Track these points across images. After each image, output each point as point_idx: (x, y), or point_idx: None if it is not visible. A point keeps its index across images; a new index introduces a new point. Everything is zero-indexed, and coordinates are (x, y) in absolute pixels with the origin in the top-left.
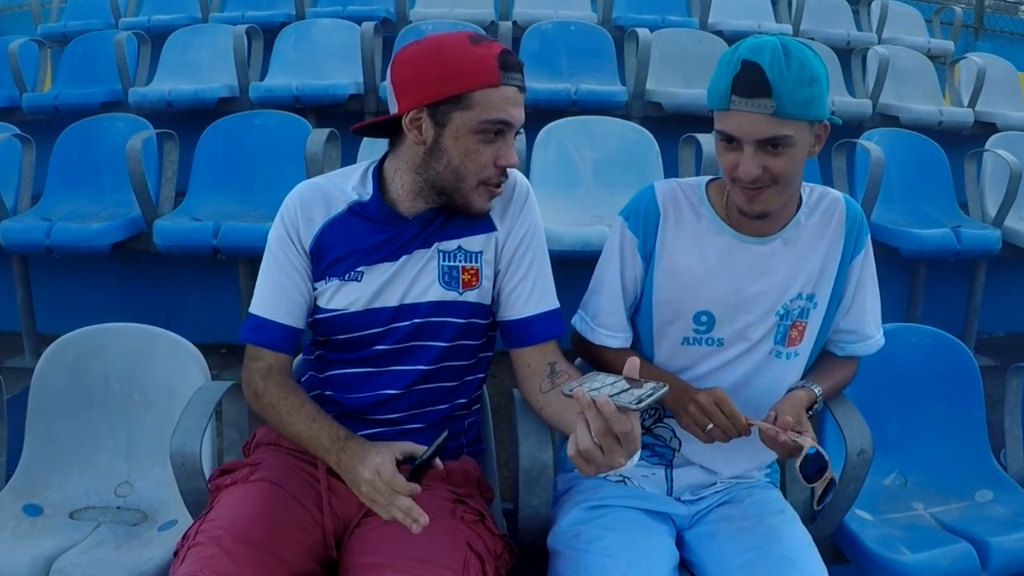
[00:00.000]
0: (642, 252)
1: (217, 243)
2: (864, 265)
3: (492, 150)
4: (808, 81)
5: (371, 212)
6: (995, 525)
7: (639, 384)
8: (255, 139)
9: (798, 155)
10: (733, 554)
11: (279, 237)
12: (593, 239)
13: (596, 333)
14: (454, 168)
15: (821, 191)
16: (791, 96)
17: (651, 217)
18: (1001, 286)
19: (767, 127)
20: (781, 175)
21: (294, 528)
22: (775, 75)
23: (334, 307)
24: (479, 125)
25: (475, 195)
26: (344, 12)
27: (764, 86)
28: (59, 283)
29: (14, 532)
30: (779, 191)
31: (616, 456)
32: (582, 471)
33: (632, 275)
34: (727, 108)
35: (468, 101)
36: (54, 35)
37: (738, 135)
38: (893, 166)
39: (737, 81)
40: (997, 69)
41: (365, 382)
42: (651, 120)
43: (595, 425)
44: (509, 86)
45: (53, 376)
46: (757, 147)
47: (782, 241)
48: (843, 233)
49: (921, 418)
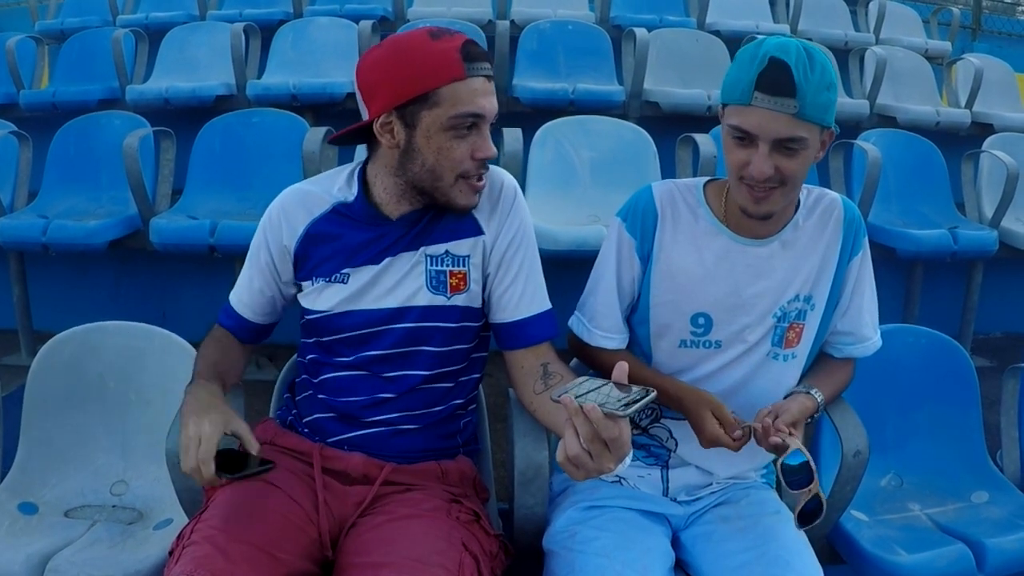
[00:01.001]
0: (640, 253)
1: (214, 241)
2: (862, 266)
3: (467, 144)
4: (827, 86)
5: (355, 213)
6: (991, 526)
7: (628, 389)
8: (252, 137)
9: (808, 158)
10: (729, 555)
11: (257, 240)
12: (590, 239)
13: (592, 334)
14: (429, 168)
15: (819, 192)
16: (813, 99)
17: (649, 218)
18: (998, 287)
19: (787, 127)
20: (791, 177)
21: (290, 527)
22: (800, 76)
23: (320, 308)
24: (449, 121)
25: (455, 191)
26: (342, 10)
27: (790, 86)
28: (55, 281)
29: (9, 530)
30: (785, 193)
31: (605, 461)
32: (572, 476)
33: (629, 276)
34: (748, 103)
35: (435, 98)
36: (51, 32)
37: (755, 132)
38: (890, 167)
39: (763, 78)
40: (994, 70)
41: (359, 385)
42: (648, 120)
43: (583, 431)
44: (475, 77)
45: (49, 374)
46: (773, 146)
47: (780, 243)
48: (841, 234)
49: (917, 419)
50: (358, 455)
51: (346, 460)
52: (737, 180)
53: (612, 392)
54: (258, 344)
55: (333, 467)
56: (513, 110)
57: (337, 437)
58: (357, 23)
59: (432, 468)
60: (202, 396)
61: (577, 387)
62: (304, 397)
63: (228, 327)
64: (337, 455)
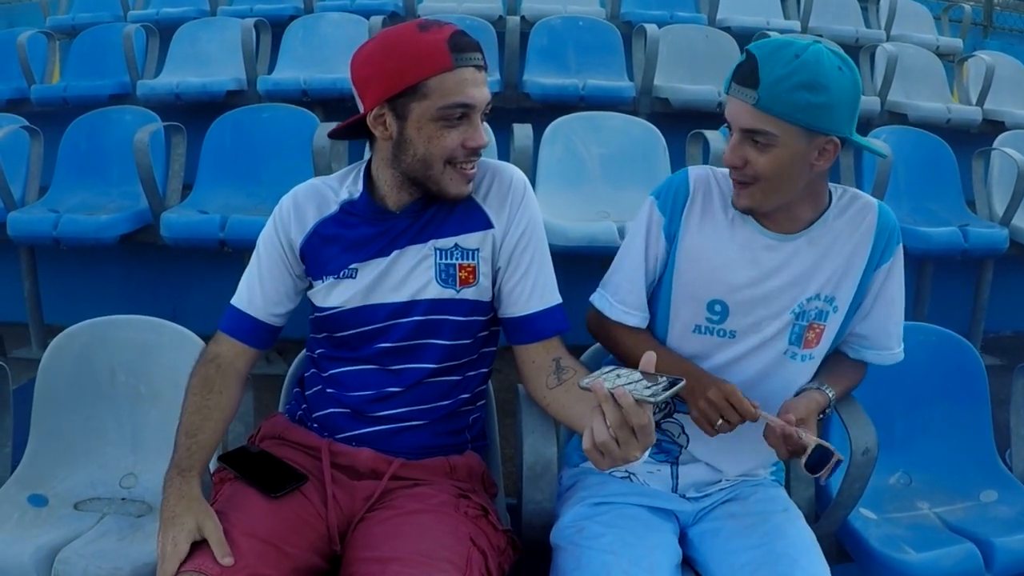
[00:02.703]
0: (666, 232)
1: (224, 236)
2: (890, 275)
3: (458, 134)
4: (807, 86)
5: (360, 209)
6: (999, 525)
7: (655, 378)
8: (263, 132)
9: (783, 158)
10: (736, 552)
11: (266, 236)
12: (600, 235)
13: (614, 308)
14: (420, 157)
15: (853, 194)
16: (775, 92)
17: (680, 198)
18: (1008, 285)
19: (748, 117)
20: (761, 174)
21: (298, 522)
22: (765, 69)
23: (331, 305)
24: (438, 112)
25: (445, 179)
26: (352, 6)
27: (752, 77)
28: (66, 275)
29: (19, 522)
30: (763, 191)
31: (632, 449)
32: (597, 465)
33: (654, 254)
34: (727, 92)
35: (424, 90)
36: (63, 27)
37: (729, 119)
38: (901, 164)
39: (737, 68)
40: (1006, 67)
41: (368, 379)
42: (659, 116)
43: (612, 417)
44: (465, 67)
45: (59, 367)
46: (742, 136)
47: (806, 240)
48: (872, 239)
49: (927, 417)
50: (367, 450)
51: (355, 455)
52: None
53: (640, 380)
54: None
55: (342, 462)
56: (523, 106)
57: (346, 433)
58: (368, 18)
59: (440, 463)
60: (172, 500)
61: (605, 375)
62: (314, 392)
63: (234, 333)
64: (346, 450)
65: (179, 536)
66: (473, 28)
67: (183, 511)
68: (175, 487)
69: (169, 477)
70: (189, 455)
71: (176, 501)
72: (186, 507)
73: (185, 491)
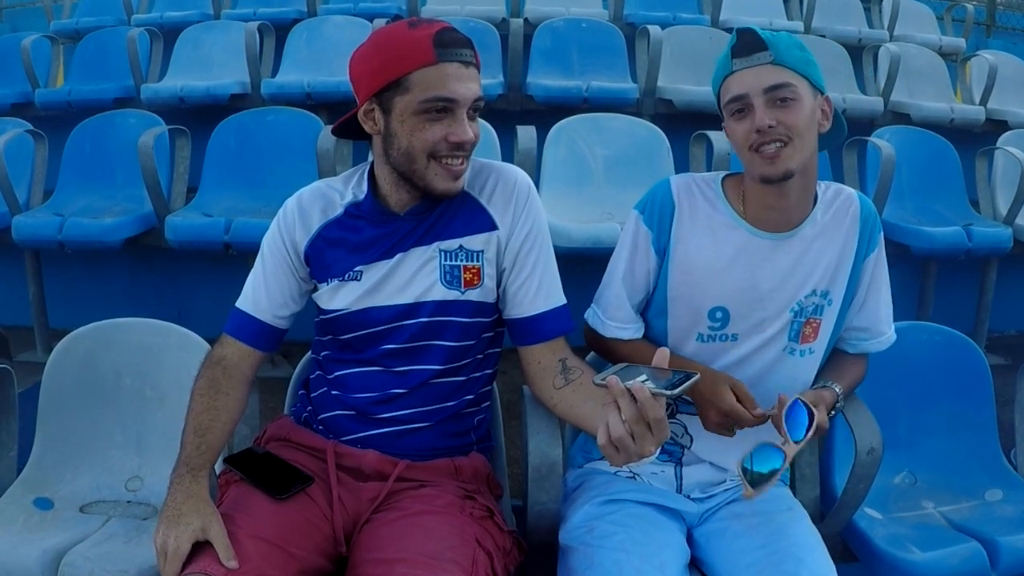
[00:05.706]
0: (656, 246)
1: (228, 239)
2: (877, 263)
3: (441, 128)
4: (799, 46)
5: (364, 211)
6: (1005, 524)
7: (667, 373)
8: (267, 136)
9: (807, 110)
10: (742, 552)
11: (271, 239)
12: (604, 236)
13: (606, 326)
14: (404, 151)
15: (835, 188)
16: (786, 49)
17: (666, 211)
18: (1012, 284)
19: (770, 75)
20: (794, 128)
21: (304, 523)
22: (767, 34)
23: (336, 307)
24: (420, 106)
25: (431, 174)
26: (356, 9)
27: (759, 42)
28: (71, 278)
29: (25, 525)
30: (796, 148)
31: (647, 444)
32: (611, 461)
33: (644, 269)
34: (730, 72)
35: (406, 84)
36: (67, 31)
37: (744, 91)
38: (904, 164)
39: (735, 47)
40: (1009, 66)
41: (373, 381)
42: (662, 117)
43: (628, 412)
44: (449, 63)
45: (64, 371)
46: (767, 101)
47: (798, 237)
48: (857, 230)
49: (931, 417)
50: (372, 452)
51: (360, 457)
52: (748, 152)
53: (654, 375)
54: (269, 353)
55: (347, 464)
56: (527, 108)
57: (351, 435)
58: (371, 21)
59: (446, 464)
60: (179, 498)
61: (618, 371)
62: (319, 394)
63: (240, 336)
64: (351, 452)
65: (182, 536)
66: (476, 30)
67: (189, 511)
68: (184, 485)
69: (178, 474)
70: (199, 453)
71: (184, 499)
72: (193, 507)
73: (194, 490)
